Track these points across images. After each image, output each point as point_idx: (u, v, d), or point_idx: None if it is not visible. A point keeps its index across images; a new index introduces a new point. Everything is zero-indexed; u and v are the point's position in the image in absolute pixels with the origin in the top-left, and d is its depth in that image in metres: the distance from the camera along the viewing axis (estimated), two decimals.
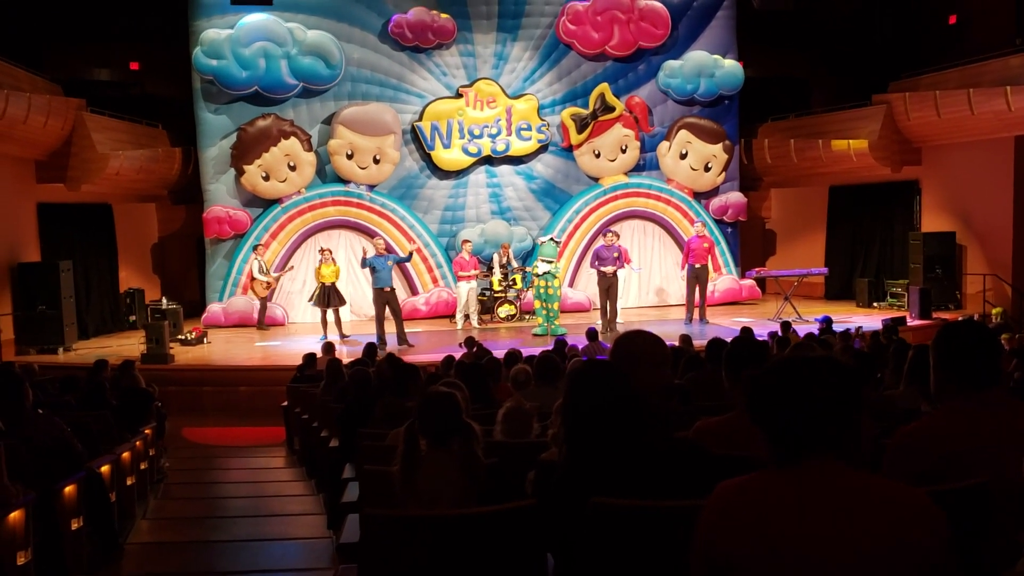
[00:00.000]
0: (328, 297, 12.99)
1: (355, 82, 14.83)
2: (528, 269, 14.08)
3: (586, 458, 2.23)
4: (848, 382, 1.68)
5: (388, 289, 11.95)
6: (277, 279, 14.13)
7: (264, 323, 14.11)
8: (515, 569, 2.54)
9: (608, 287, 12.71)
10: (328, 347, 9.97)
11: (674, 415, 3.56)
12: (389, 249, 13.72)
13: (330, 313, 13.03)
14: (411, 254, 13.06)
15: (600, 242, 13.76)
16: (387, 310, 11.97)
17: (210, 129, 14.35)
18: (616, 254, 12.74)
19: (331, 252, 13.41)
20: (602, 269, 12.72)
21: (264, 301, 14.09)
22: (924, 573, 1.56)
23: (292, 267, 14.21)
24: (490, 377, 6.09)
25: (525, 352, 8.35)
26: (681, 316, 13.90)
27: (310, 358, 9.26)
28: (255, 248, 14.12)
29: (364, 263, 11.96)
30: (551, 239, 12.83)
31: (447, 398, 3.20)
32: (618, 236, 13.26)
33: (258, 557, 5.04)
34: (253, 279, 13.97)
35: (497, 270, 14.57)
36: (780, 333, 9.54)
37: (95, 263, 14.55)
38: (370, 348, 8.87)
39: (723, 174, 16.15)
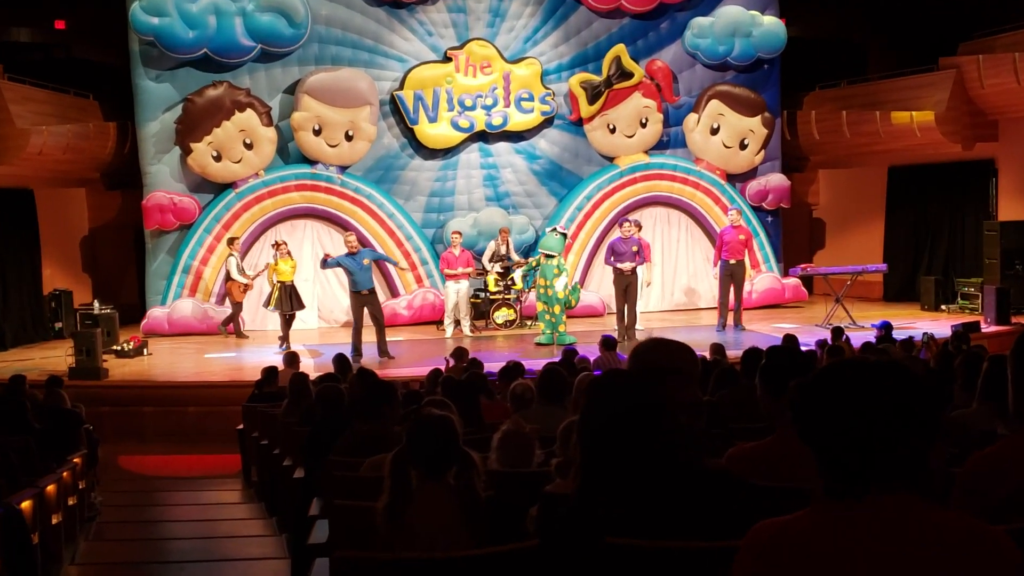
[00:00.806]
0: (290, 299, 13.00)
1: (323, 44, 14.83)
2: (528, 261, 13.95)
3: (604, 488, 2.22)
4: (924, 394, 1.62)
5: (367, 292, 11.94)
6: (253, 278, 14.06)
7: (236, 329, 14.15)
8: None
9: (626, 287, 12.71)
10: (291, 358, 9.96)
11: (705, 438, 3.56)
12: (363, 242, 13.69)
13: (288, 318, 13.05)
14: (396, 264, 12.95)
15: (616, 234, 13.77)
16: (365, 316, 11.97)
17: (150, 100, 14.35)
18: (635, 248, 12.75)
19: (287, 245, 13.40)
20: (618, 266, 12.73)
21: (240, 305, 14.10)
22: None
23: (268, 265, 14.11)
24: (479, 395, 6.10)
25: (527, 365, 8.34)
26: (712, 321, 13.91)
27: (270, 372, 9.26)
28: (230, 242, 14.08)
29: (325, 263, 11.92)
30: (555, 230, 12.82)
31: (443, 423, 3.22)
32: (639, 227, 13.26)
33: None
34: (230, 280, 13.96)
35: (487, 263, 14.55)
36: (830, 341, 9.53)
37: (13, 260, 14.54)
38: (340, 360, 8.86)
39: (762, 152, 16.15)
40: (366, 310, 11.93)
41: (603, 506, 2.20)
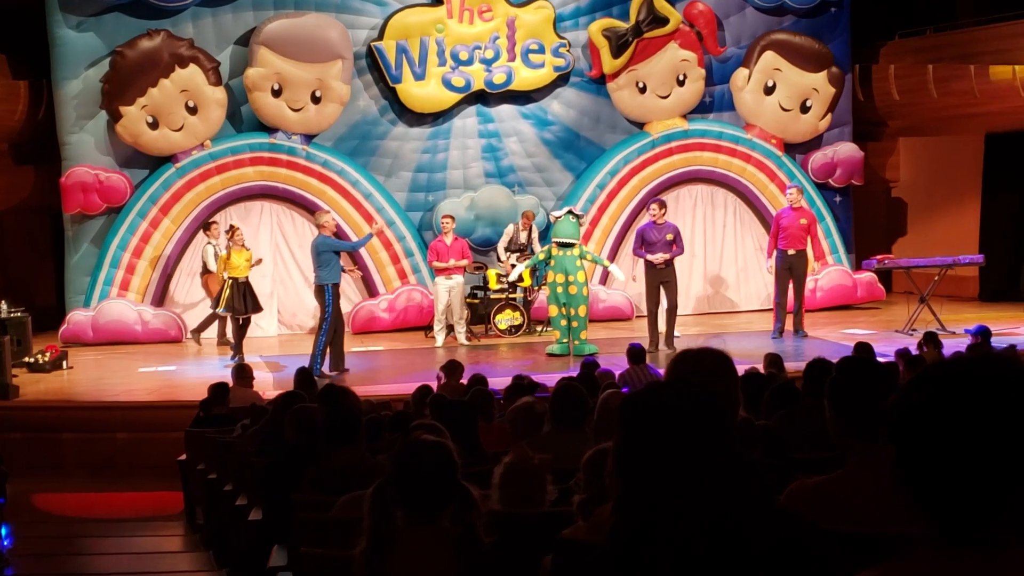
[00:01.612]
0: (244, 299, 12.95)
1: None
2: (537, 254, 13.88)
3: (649, 531, 2.22)
4: None
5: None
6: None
7: (196, 333, 14.32)
8: None
9: (660, 284, 12.71)
10: (241, 371, 9.97)
11: (764, 471, 3.56)
12: (339, 232, 13.72)
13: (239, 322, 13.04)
14: (370, 235, 13.06)
15: (646, 218, 13.75)
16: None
17: (70, 53, 14.36)
18: (670, 236, 12.72)
19: (242, 233, 13.31)
20: (649, 258, 12.74)
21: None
22: None
23: (260, 260, 13.98)
24: (479, 417, 6.10)
25: (537, 380, 8.33)
26: (766, 326, 13.90)
27: (219, 390, 9.26)
28: (207, 228, 14.08)
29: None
30: (571, 212, 12.79)
31: (437, 450, 3.24)
32: (662, 207, 13.20)
33: None
34: (207, 273, 13.98)
35: (503, 252, 14.56)
36: (921, 350, 9.54)
37: None
38: (304, 376, 8.87)
39: (828, 117, 16.13)
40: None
41: (641, 554, 2.20)
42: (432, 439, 3.33)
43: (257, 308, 13.26)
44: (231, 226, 13.57)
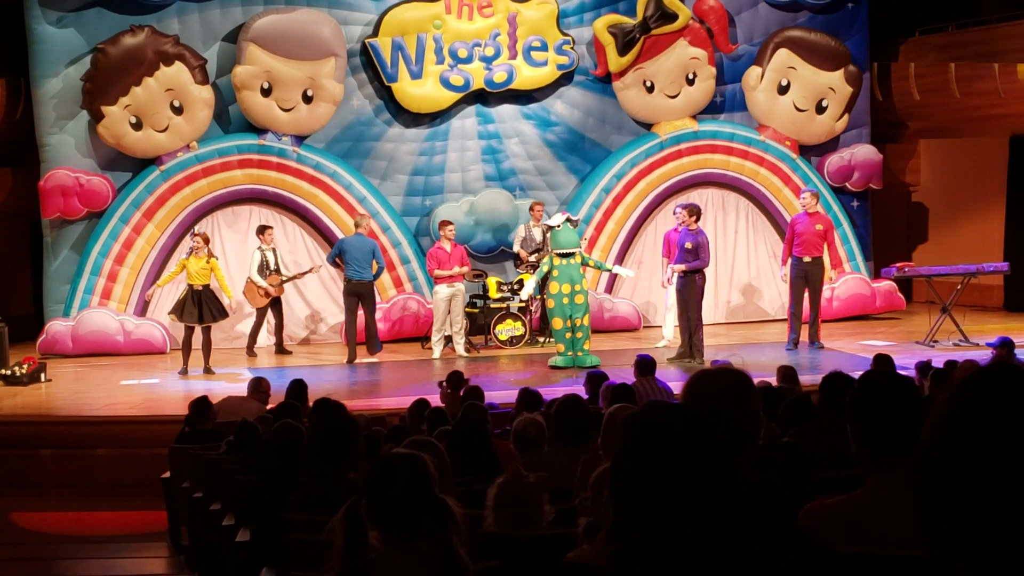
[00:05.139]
0: (200, 307, 12.78)
1: None
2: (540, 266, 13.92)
3: (642, 558, 2.21)
4: None
5: (367, 280, 13.23)
6: (284, 281, 14.00)
7: (278, 343, 14.51)
8: None
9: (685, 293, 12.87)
10: (258, 385, 9.91)
11: (781, 491, 3.55)
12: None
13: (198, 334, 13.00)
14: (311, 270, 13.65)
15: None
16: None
17: (50, 50, 14.37)
18: (689, 245, 12.70)
19: (206, 240, 13.18)
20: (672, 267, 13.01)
21: (265, 313, 14.27)
22: None
23: (319, 266, 14.26)
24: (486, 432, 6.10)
25: (541, 393, 8.33)
26: (780, 337, 13.89)
27: (201, 405, 9.24)
28: (261, 232, 14.07)
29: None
30: (569, 219, 12.75)
31: (410, 464, 3.22)
32: (690, 214, 13.35)
33: None
34: (248, 280, 14.03)
35: (518, 249, 14.63)
36: (941, 364, 9.52)
37: None
38: (298, 388, 8.86)
39: (845, 117, 16.13)
40: (360, 303, 13.39)
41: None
42: (404, 452, 3.31)
43: (218, 315, 13.03)
44: (204, 234, 13.36)
